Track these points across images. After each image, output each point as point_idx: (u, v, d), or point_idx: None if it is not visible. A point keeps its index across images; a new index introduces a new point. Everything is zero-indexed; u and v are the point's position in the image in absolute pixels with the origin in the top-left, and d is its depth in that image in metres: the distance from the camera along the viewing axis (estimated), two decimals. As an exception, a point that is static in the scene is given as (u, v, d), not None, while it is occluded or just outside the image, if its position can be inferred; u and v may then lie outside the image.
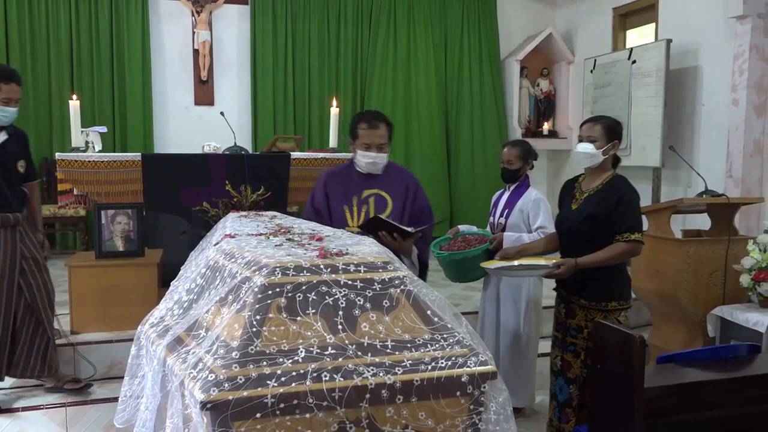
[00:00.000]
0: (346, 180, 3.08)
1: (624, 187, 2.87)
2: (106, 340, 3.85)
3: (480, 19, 8.06)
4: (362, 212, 2.97)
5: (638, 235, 2.81)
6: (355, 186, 3.04)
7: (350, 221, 2.96)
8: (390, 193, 3.03)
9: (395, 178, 3.09)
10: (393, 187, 3.05)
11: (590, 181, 2.97)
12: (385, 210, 2.98)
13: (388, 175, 3.08)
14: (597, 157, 2.89)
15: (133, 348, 1.63)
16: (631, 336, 1.87)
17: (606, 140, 2.88)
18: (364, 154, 3.03)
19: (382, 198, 3.01)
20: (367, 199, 3.00)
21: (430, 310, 1.36)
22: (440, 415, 1.25)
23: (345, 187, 3.05)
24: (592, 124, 2.93)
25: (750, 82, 5.42)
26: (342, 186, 3.06)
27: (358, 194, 3.01)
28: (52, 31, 6.73)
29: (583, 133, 2.94)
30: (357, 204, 2.99)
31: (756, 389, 2.11)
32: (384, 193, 3.02)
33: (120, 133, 6.99)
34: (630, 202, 2.83)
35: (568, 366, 2.94)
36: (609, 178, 2.91)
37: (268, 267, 1.34)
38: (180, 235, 4.35)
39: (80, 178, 4.55)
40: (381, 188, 3.03)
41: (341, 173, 3.17)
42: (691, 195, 5.26)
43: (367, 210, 2.97)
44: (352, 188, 3.04)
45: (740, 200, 4.52)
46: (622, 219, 2.79)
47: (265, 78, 7.36)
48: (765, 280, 3.63)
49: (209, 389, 1.14)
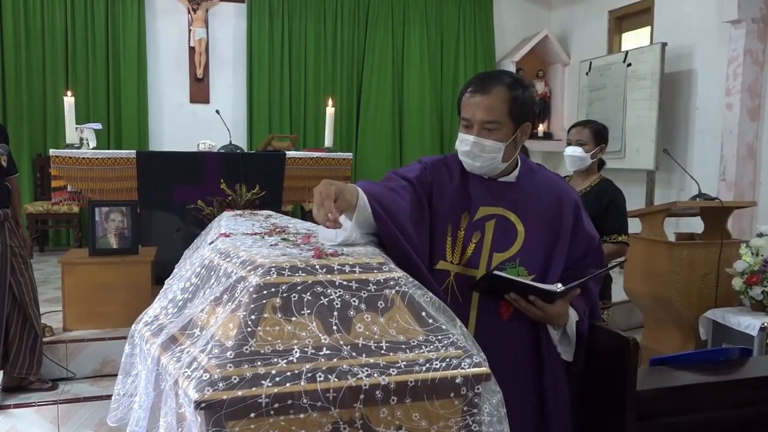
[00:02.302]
0: (458, 183, 1.82)
1: (613, 190, 2.98)
2: (99, 338, 3.84)
3: (476, 20, 8.07)
4: (471, 243, 1.77)
5: (625, 237, 2.94)
6: (467, 197, 1.80)
7: (448, 254, 1.77)
8: (523, 215, 1.79)
9: (539, 191, 1.83)
10: (530, 207, 1.80)
11: (577, 183, 3.06)
12: (510, 245, 1.78)
13: (525, 185, 1.83)
14: (585, 160, 3.00)
15: (126, 346, 1.63)
16: (625, 338, 1.88)
17: (594, 144, 2.99)
18: (460, 137, 1.78)
19: (507, 224, 1.78)
20: (482, 223, 1.78)
21: (425, 311, 1.36)
22: (434, 416, 1.25)
23: (456, 194, 1.80)
24: (580, 128, 3.04)
25: (744, 86, 5.46)
26: (452, 190, 1.81)
27: (470, 211, 1.79)
28: (47, 27, 6.71)
29: (572, 137, 3.04)
30: (466, 228, 1.78)
31: (748, 392, 2.13)
32: (512, 216, 1.79)
33: (115, 130, 6.97)
34: (619, 205, 2.94)
35: None
36: (597, 181, 3.01)
37: (264, 267, 1.34)
38: (174, 233, 4.34)
39: (74, 175, 4.55)
40: (510, 208, 1.79)
41: (451, 168, 1.84)
42: (685, 198, 5.29)
43: (479, 241, 1.77)
44: (461, 200, 1.80)
45: (733, 204, 4.55)
46: (611, 221, 2.89)
47: (260, 76, 7.35)
48: (757, 283, 3.65)
49: (203, 389, 1.13)
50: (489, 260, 1.76)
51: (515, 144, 1.77)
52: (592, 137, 2.99)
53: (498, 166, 1.77)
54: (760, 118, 5.53)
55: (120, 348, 1.71)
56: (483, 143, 1.72)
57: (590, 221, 1.90)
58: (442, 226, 1.78)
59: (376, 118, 7.77)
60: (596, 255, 1.87)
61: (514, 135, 1.74)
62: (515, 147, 1.78)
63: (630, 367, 1.86)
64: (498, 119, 1.71)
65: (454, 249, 1.77)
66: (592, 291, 1.88)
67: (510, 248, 1.77)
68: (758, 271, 3.66)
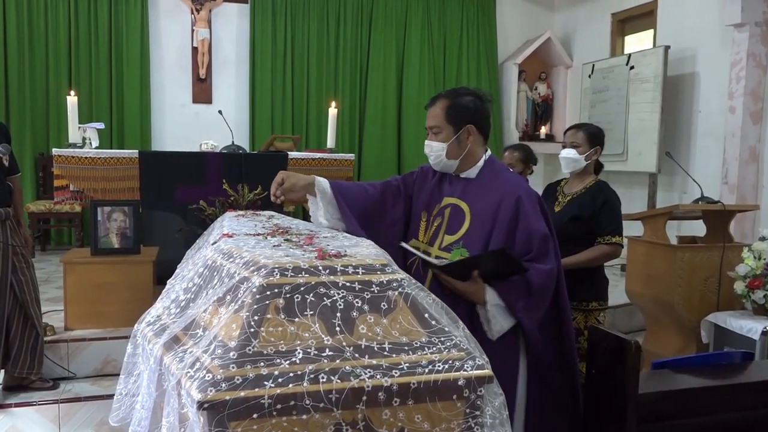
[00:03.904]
0: (436, 181, 2.26)
1: (607, 191, 3.02)
2: (100, 337, 3.84)
3: (479, 22, 8.07)
4: (432, 226, 2.16)
5: (619, 238, 2.97)
6: (439, 191, 2.22)
7: (421, 234, 2.20)
8: (472, 205, 2.10)
9: (491, 186, 2.11)
10: (480, 199, 2.10)
11: (573, 185, 3.09)
12: (458, 229, 2.09)
13: (483, 181, 2.14)
14: (580, 162, 3.02)
15: (129, 346, 1.63)
16: (627, 341, 1.88)
17: (588, 146, 3.02)
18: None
19: (459, 211, 2.12)
20: (443, 210, 2.16)
21: (428, 313, 1.37)
22: (436, 418, 1.25)
23: (433, 188, 2.24)
24: (575, 130, 3.07)
25: (747, 90, 5.45)
26: (431, 185, 2.26)
27: (440, 201, 2.19)
28: (50, 27, 6.71)
29: (567, 139, 3.09)
30: (435, 214, 2.18)
31: (749, 396, 2.13)
32: (463, 205, 2.12)
33: (117, 130, 6.98)
34: (613, 207, 2.97)
35: None
36: (592, 183, 3.04)
37: (267, 267, 1.34)
38: (176, 233, 4.34)
39: (77, 174, 4.56)
40: (463, 197, 2.13)
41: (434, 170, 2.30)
42: (687, 201, 5.28)
43: (440, 225, 2.14)
44: (436, 193, 2.22)
45: (736, 207, 4.54)
46: (606, 222, 2.92)
47: (263, 77, 7.36)
48: (759, 287, 3.64)
49: (206, 389, 1.14)
50: (441, 241, 2.12)
51: (459, 143, 2.12)
52: (586, 139, 3.02)
53: (447, 162, 2.15)
54: (762, 122, 5.53)
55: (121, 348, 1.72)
56: (431, 144, 2.16)
57: (541, 221, 2.05)
58: (418, 213, 2.23)
59: (380, 119, 7.77)
60: (540, 251, 2.01)
61: (456, 136, 2.11)
62: (459, 146, 2.12)
63: (632, 370, 1.86)
64: (438, 124, 2.12)
65: (426, 231, 2.19)
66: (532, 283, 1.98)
67: (458, 232, 2.10)
68: (760, 275, 3.65)
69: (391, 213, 2.23)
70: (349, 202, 2.13)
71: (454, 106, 2.11)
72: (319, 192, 2.12)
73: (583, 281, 2.92)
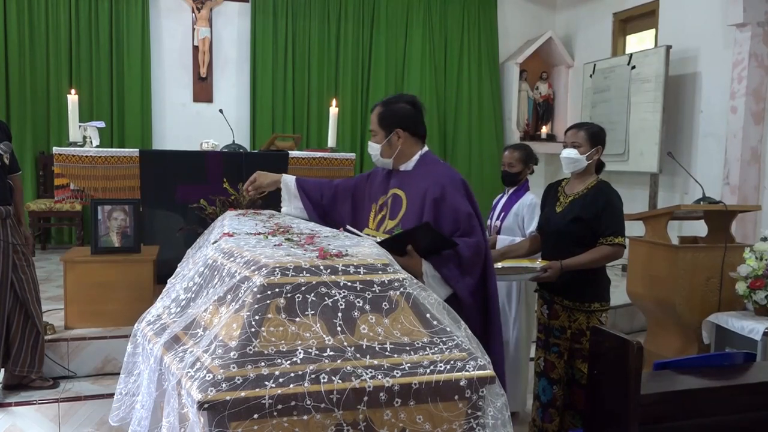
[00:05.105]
0: (384, 177, 2.59)
1: (610, 192, 2.98)
2: (100, 336, 3.83)
3: (480, 22, 8.07)
4: (379, 214, 2.50)
5: (621, 239, 2.92)
6: (386, 185, 2.56)
7: (371, 222, 2.54)
8: (407, 192, 2.43)
9: (423, 175, 2.42)
10: (413, 186, 2.41)
11: (574, 185, 3.05)
12: (398, 214, 2.42)
13: (417, 172, 2.46)
14: (581, 162, 2.98)
15: (129, 345, 1.62)
16: (629, 342, 1.87)
17: (589, 146, 2.98)
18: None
19: (398, 198, 2.46)
20: (387, 200, 2.50)
21: (429, 313, 1.36)
22: (438, 418, 1.25)
23: (381, 182, 2.58)
24: (576, 130, 3.04)
25: (749, 90, 5.44)
26: (380, 180, 2.60)
27: (385, 193, 2.54)
28: (51, 25, 6.71)
29: (568, 139, 3.06)
30: (381, 204, 2.53)
31: (751, 397, 2.12)
32: (401, 193, 2.45)
33: (118, 129, 6.98)
34: (615, 207, 2.94)
35: (552, 367, 2.99)
36: (594, 183, 3.00)
37: (268, 267, 1.33)
38: (176, 232, 4.33)
39: (77, 173, 4.55)
40: (401, 187, 2.46)
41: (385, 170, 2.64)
42: (688, 201, 5.27)
43: (385, 213, 2.48)
44: (383, 187, 2.56)
45: (737, 208, 4.53)
46: (608, 222, 2.89)
47: (264, 76, 7.35)
48: (761, 287, 3.63)
49: (207, 389, 1.13)
50: (386, 226, 2.46)
51: (390, 144, 2.45)
52: (587, 139, 2.98)
53: (382, 160, 2.50)
54: (764, 122, 5.52)
55: (121, 347, 1.71)
56: (372, 145, 2.51)
57: (465, 202, 2.32)
58: (368, 204, 2.58)
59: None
60: (466, 228, 2.29)
61: (387, 138, 2.44)
62: (390, 147, 2.46)
63: (633, 371, 1.86)
64: (374, 129, 2.48)
65: (374, 219, 2.53)
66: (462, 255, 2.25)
67: (396, 216, 2.43)
68: (762, 276, 3.64)
69: (341, 209, 2.65)
70: (310, 197, 2.64)
71: (385, 113, 2.45)
72: (284, 187, 2.65)
73: (585, 282, 2.91)
